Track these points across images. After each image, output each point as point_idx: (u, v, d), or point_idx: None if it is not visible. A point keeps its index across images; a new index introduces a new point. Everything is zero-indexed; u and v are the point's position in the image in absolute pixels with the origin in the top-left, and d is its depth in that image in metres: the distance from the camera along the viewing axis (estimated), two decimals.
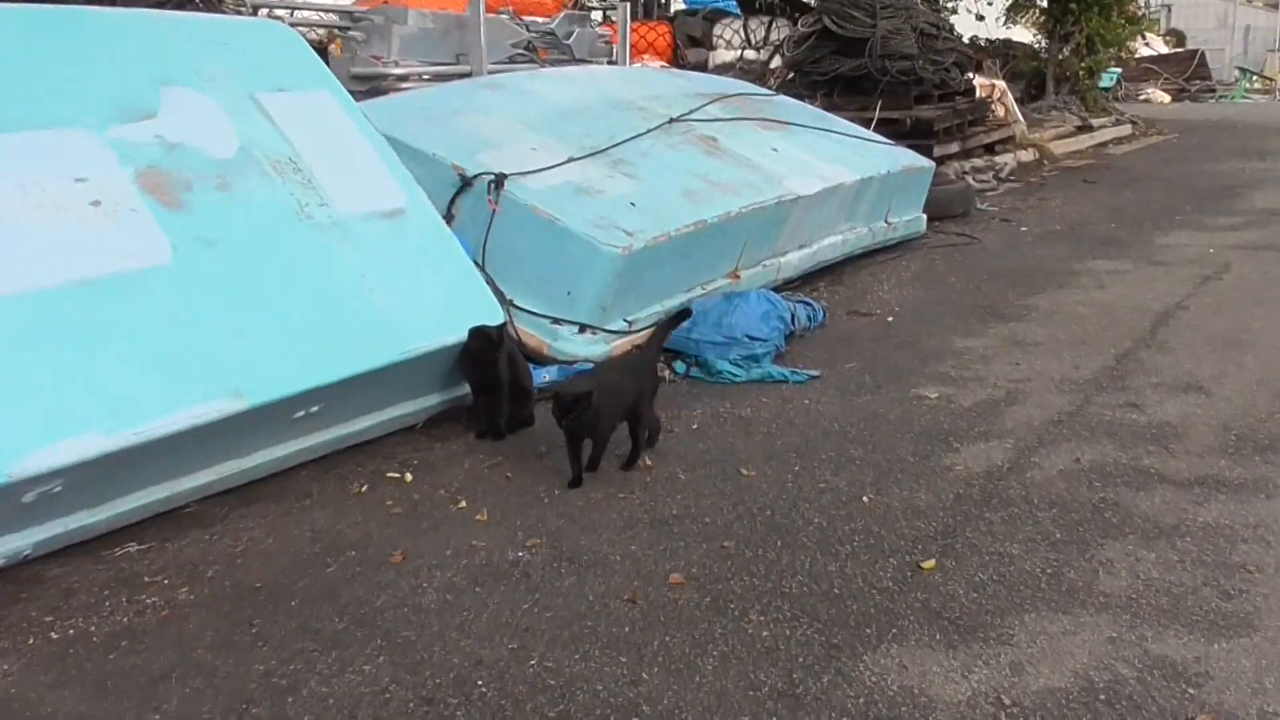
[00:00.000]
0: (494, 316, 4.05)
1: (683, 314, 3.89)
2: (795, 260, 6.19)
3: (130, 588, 2.92)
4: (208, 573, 3.01)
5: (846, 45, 9.89)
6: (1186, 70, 25.45)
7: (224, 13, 7.28)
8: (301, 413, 3.53)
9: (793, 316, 5.30)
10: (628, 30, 10.21)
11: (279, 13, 8.47)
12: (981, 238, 7.86)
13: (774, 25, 14.39)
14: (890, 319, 5.78)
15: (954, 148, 10.16)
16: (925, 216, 7.81)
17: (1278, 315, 5.36)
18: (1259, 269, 6.64)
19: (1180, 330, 5.14)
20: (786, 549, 3.11)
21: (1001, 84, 12.51)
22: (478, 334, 3.92)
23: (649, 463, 3.75)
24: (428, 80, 8.21)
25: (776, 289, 5.89)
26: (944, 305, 6.03)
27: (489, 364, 3.94)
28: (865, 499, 3.40)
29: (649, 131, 5.87)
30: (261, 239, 3.66)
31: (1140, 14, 18.36)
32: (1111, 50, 16.36)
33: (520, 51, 9.57)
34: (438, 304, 3.96)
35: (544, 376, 4.53)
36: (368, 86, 7.83)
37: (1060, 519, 3.23)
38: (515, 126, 5.45)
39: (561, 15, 11.02)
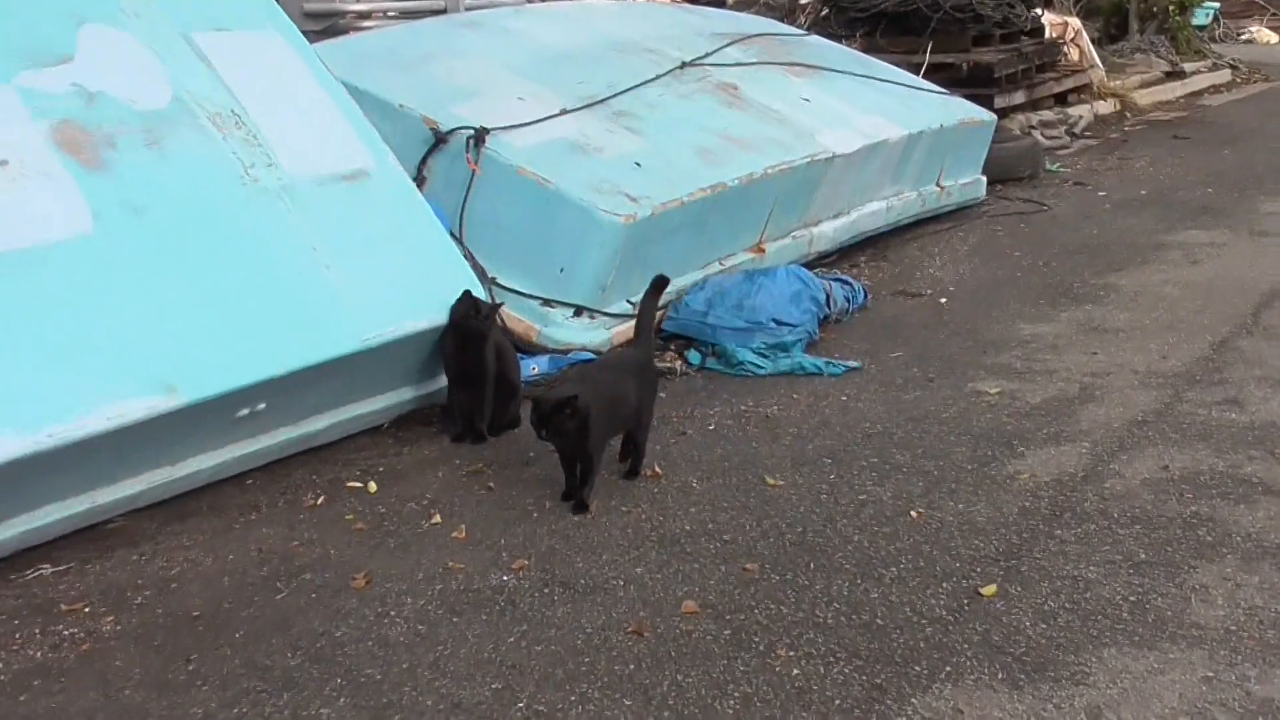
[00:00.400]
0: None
1: (659, 283, 3.75)
2: (830, 231, 6.19)
3: (45, 617, 2.94)
4: (136, 599, 3.03)
5: None
6: None
7: None
8: (245, 411, 3.54)
9: (828, 297, 5.29)
10: None
11: None
12: (1052, 204, 7.84)
13: None
14: (943, 300, 5.78)
15: (1019, 98, 10.11)
16: (985, 179, 7.82)
17: None
18: None
19: None
20: (820, 572, 3.12)
21: (1076, 22, 12.46)
22: (465, 302, 3.91)
23: (657, 470, 3.78)
24: (394, 19, 8.20)
25: (808, 265, 5.88)
26: (1007, 284, 6.02)
27: (474, 343, 3.93)
28: (913, 513, 3.42)
29: (657, 78, 5.87)
30: (197, 206, 3.68)
31: None
32: None
33: None
34: (406, 284, 3.98)
35: (532, 369, 4.54)
36: (323, 26, 7.80)
37: (1145, 537, 3.24)
38: (498, 73, 5.46)
39: None
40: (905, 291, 5.89)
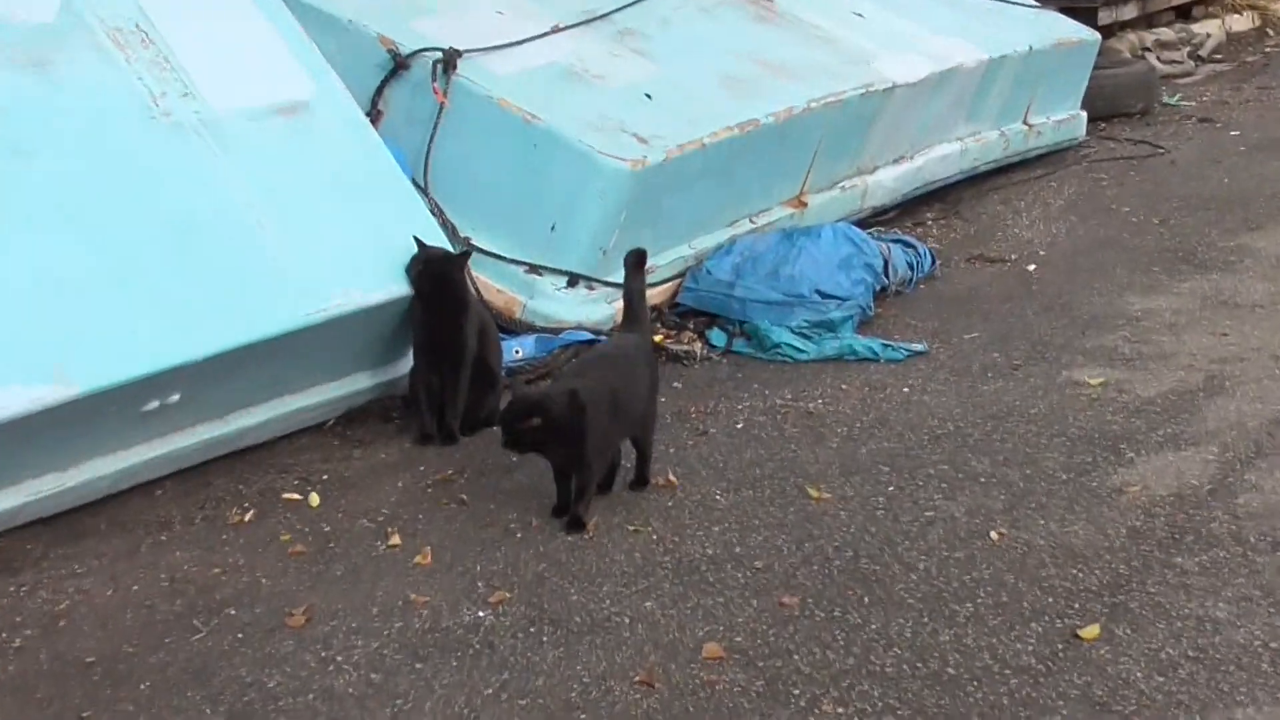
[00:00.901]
0: None
1: (638, 259, 3.78)
2: (890, 180, 6.16)
3: None
4: (14, 641, 3.02)
5: None
6: None
7: None
8: (155, 404, 3.53)
9: (886, 264, 5.27)
10: None
11: None
12: (1170, 146, 7.80)
13: None
14: (1032, 267, 5.75)
15: (1129, 12, 10.06)
16: (1085, 115, 7.77)
17: None
18: None
19: None
20: (877, 608, 3.09)
21: None
22: (430, 258, 3.93)
23: (671, 479, 3.78)
24: None
25: (861, 223, 5.83)
26: (1113, 247, 5.99)
27: (452, 306, 3.93)
28: (994, 534, 3.41)
29: None
30: (94, 146, 3.66)
31: None
32: None
33: None
34: (358, 245, 3.99)
35: (514, 351, 4.54)
36: None
37: None
38: None
39: None
40: (983, 256, 5.87)
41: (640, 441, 3.71)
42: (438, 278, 3.94)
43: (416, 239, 3.99)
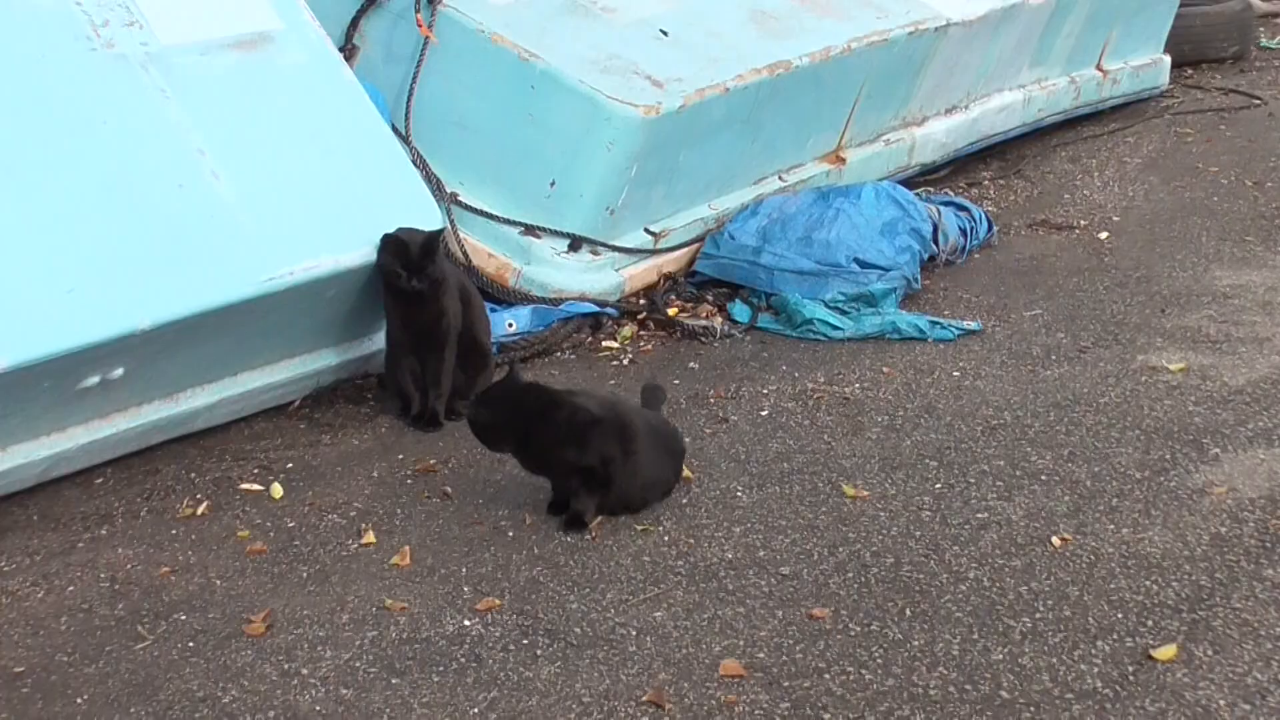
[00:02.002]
0: (425, 221, 4.10)
1: (655, 397, 3.81)
2: (941, 133, 6.17)
3: None
4: None
5: None
6: None
7: None
8: (94, 380, 3.53)
9: (935, 229, 5.26)
10: None
11: None
12: (1269, 97, 7.75)
13: None
14: (1104, 235, 5.75)
15: None
16: (1168, 60, 7.75)
17: None
18: None
19: None
20: (920, 623, 3.08)
21: None
22: (396, 241, 3.93)
23: (686, 473, 3.78)
24: None
25: (908, 182, 5.82)
26: (1199, 213, 5.97)
27: (415, 294, 3.94)
28: (1056, 540, 3.41)
29: None
30: (22, 81, 3.65)
31: None
32: None
33: None
34: (328, 201, 3.99)
35: (507, 324, 4.54)
36: None
37: None
38: None
39: None
40: (1048, 222, 5.86)
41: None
42: (412, 265, 3.91)
43: (385, 239, 3.95)
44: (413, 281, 3.90)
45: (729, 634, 3.06)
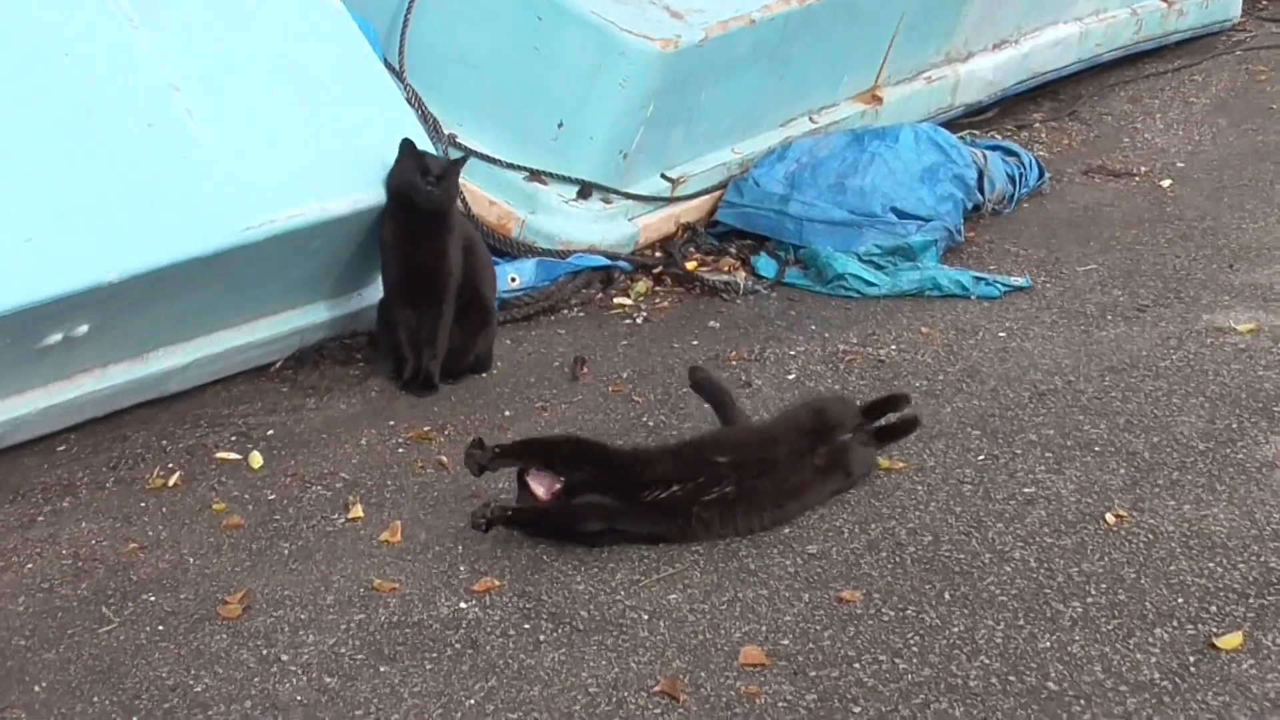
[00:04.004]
0: None
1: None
2: (988, 70, 6.14)
3: None
4: None
5: None
6: None
7: None
8: (57, 337, 3.51)
9: (980, 176, 5.23)
10: None
11: None
12: None
13: None
14: (1167, 183, 5.71)
15: None
16: None
17: None
18: None
19: None
20: (960, 606, 3.06)
21: None
22: (410, 158, 3.91)
23: None
24: None
25: (951, 124, 5.78)
26: (1272, 159, 5.92)
27: (430, 228, 3.94)
28: (1110, 517, 3.38)
29: None
30: None
31: None
32: None
33: None
34: (313, 141, 3.97)
35: (509, 279, 4.52)
36: None
37: None
38: None
39: None
40: (1105, 168, 5.82)
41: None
42: (417, 187, 3.89)
43: (407, 144, 3.95)
44: (430, 188, 3.87)
45: (750, 618, 3.04)
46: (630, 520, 3.27)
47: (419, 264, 4.00)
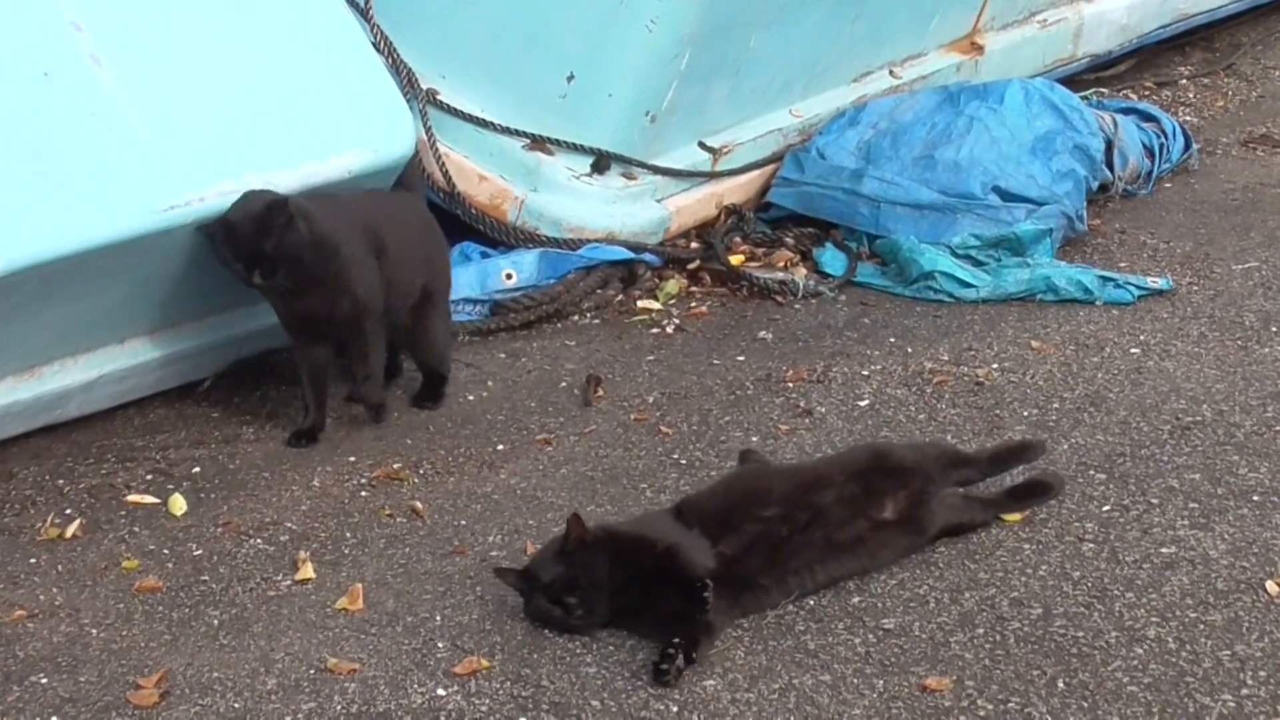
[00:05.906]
0: (394, 129, 4.09)
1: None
2: (1120, 11, 6.04)
3: None
4: None
5: None
6: None
7: None
8: None
9: (1109, 147, 5.06)
10: None
11: None
12: None
13: None
14: None
15: None
16: None
17: None
18: None
19: None
20: (1078, 698, 2.90)
21: None
22: (223, 225, 3.71)
23: None
24: None
25: (1073, 81, 5.68)
26: None
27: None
28: (1272, 585, 3.23)
29: None
30: None
31: None
32: None
33: None
34: (256, 100, 3.96)
35: (503, 275, 4.33)
36: None
37: None
38: None
39: None
40: (1270, 138, 5.65)
41: None
42: (246, 254, 3.70)
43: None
44: (255, 277, 3.72)
45: (808, 712, 2.89)
46: None
47: (306, 318, 3.91)
